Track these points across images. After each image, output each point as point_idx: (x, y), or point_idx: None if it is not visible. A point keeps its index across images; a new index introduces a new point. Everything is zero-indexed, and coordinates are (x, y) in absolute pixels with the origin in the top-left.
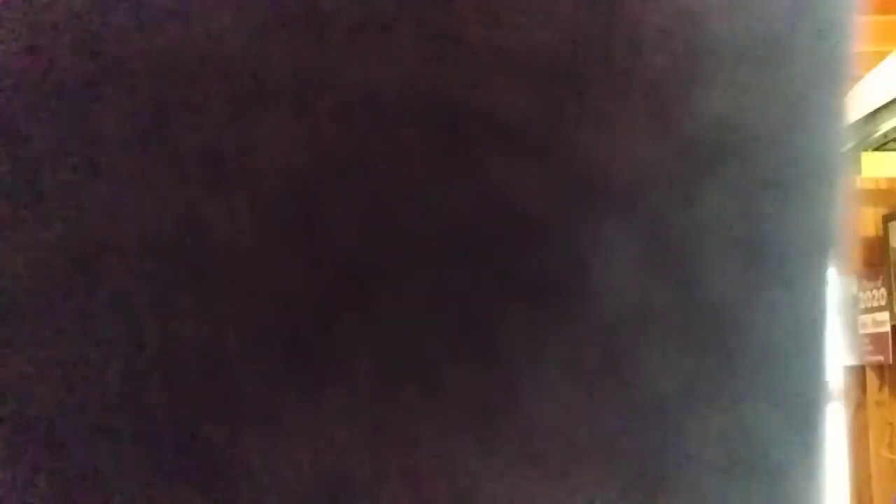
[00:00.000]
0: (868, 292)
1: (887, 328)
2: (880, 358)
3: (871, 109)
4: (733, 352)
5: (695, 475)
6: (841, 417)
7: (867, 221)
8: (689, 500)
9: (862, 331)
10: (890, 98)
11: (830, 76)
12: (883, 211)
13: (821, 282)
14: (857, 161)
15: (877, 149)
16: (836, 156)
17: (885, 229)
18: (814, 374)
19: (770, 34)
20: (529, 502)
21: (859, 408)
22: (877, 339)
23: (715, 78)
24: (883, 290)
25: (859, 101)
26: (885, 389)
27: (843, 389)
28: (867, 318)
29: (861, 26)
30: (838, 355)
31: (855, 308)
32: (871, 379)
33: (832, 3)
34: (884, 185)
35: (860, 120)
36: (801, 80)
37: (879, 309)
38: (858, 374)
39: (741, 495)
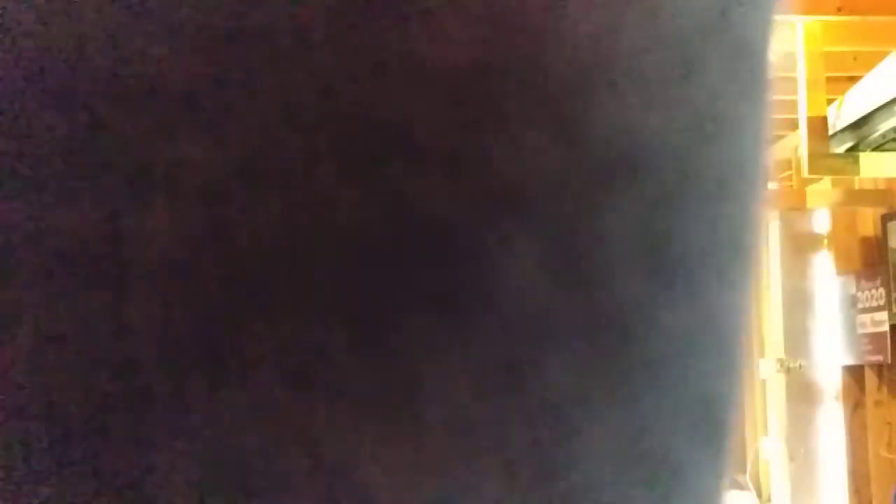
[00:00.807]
0: (867, 292)
1: (886, 328)
2: (879, 358)
3: (869, 110)
4: (633, 356)
5: (592, 475)
6: (839, 417)
7: (866, 221)
8: (586, 500)
9: (860, 330)
10: (888, 98)
11: (745, 92)
12: (881, 211)
13: (732, 289)
14: (856, 161)
15: (875, 149)
16: (750, 169)
17: (884, 229)
18: (720, 377)
19: (681, 52)
20: (428, 503)
21: (858, 407)
22: (875, 338)
23: (623, 94)
24: (881, 290)
25: (858, 101)
26: (884, 389)
27: (842, 389)
28: (866, 317)
29: (860, 26)
30: (836, 355)
31: (853, 308)
32: (870, 378)
33: (749, 21)
34: (882, 185)
35: (859, 120)
36: (712, 96)
37: (878, 309)
38: (857, 373)
39: (641, 495)
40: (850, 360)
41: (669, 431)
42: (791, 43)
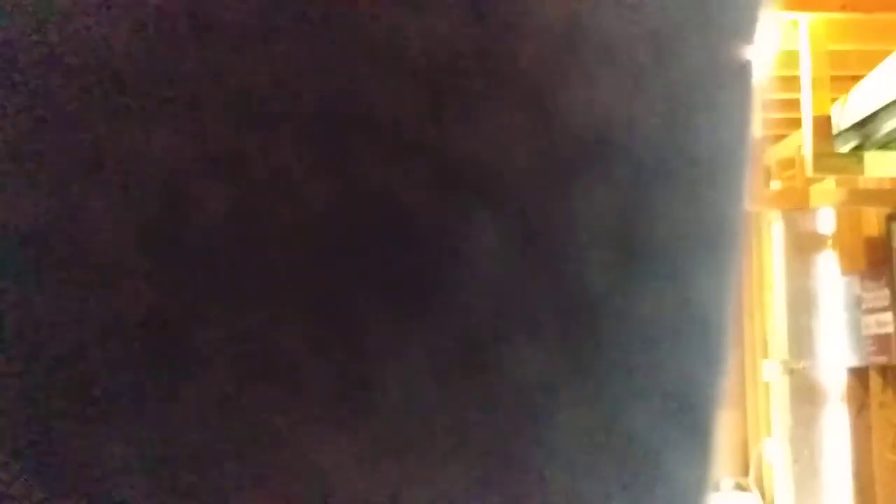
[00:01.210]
0: (871, 293)
1: (891, 329)
2: (884, 359)
3: (874, 109)
4: (605, 340)
5: (561, 466)
6: (844, 419)
7: (870, 221)
8: (555, 492)
9: (865, 332)
10: (893, 97)
11: (724, 80)
12: (886, 210)
13: (712, 277)
14: (861, 160)
15: (880, 148)
16: (732, 158)
17: (889, 229)
18: (699, 365)
19: (654, 38)
20: (388, 495)
21: (862, 409)
22: (880, 340)
23: (595, 77)
24: (886, 291)
25: (863, 99)
26: (889, 391)
27: (846, 391)
28: (871, 318)
29: (851, 24)
30: (841, 356)
31: (858, 309)
32: (875, 380)
33: (728, 9)
34: (887, 185)
35: (864, 119)
36: (688, 83)
37: (883, 310)
38: (862, 375)
39: (615, 485)
40: (854, 362)
41: (645, 419)
42: (795, 41)
